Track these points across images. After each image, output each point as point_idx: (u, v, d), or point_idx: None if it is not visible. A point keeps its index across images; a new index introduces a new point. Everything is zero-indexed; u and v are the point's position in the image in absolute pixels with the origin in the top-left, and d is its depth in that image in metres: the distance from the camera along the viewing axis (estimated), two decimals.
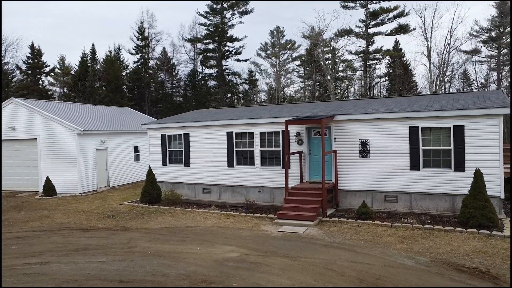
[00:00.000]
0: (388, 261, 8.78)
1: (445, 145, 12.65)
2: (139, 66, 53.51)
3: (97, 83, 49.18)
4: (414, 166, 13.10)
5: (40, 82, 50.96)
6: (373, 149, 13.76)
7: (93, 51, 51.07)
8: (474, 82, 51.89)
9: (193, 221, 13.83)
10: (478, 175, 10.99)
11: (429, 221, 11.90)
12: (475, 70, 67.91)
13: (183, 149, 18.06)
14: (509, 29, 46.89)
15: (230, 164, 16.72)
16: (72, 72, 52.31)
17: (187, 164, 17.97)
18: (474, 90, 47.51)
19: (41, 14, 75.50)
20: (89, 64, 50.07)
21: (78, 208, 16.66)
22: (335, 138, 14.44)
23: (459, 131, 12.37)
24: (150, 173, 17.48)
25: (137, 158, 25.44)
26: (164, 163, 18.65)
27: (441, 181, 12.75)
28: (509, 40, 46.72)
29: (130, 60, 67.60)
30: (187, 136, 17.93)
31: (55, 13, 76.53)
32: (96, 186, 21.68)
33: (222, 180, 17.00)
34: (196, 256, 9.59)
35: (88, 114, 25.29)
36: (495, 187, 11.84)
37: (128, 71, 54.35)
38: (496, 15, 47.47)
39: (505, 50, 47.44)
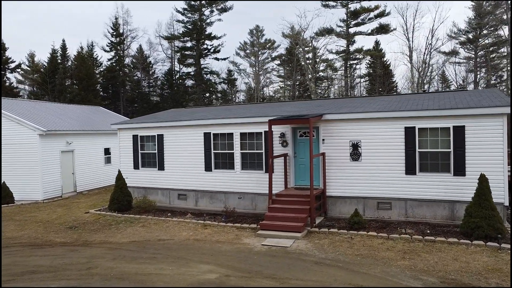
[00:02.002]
0: (392, 283, 7.56)
1: (444, 147, 11.58)
2: (114, 64, 51.26)
3: (68, 81, 46.68)
4: (410, 170, 11.98)
5: (5, 79, 48.01)
6: (365, 152, 12.58)
7: (63, 47, 48.57)
8: (452, 83, 52.03)
9: (166, 232, 12.32)
10: (483, 180, 9.93)
11: (428, 231, 10.79)
12: (455, 71, 68.55)
13: (156, 151, 16.49)
14: (485, 31, 47.14)
15: (208, 168, 15.27)
16: (42, 70, 49.58)
17: (161, 167, 16.41)
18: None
19: (11, 10, 71.78)
20: (59, 61, 47.50)
21: (37, 218, 14.84)
22: (323, 140, 13.20)
23: (460, 132, 11.32)
24: (119, 177, 15.84)
25: (108, 160, 23.63)
26: (136, 166, 17.02)
27: (439, 186, 11.67)
28: (486, 41, 46.98)
29: (104, 57, 65.27)
30: (161, 137, 16.37)
31: (25, 9, 72.94)
32: (61, 192, 19.81)
33: (199, 186, 15.53)
34: (167, 279, 8.14)
35: (54, 113, 23.33)
36: (498, 193, 10.80)
37: (102, 69, 51.99)
38: (473, 17, 47.56)
39: (481, 52, 47.66)
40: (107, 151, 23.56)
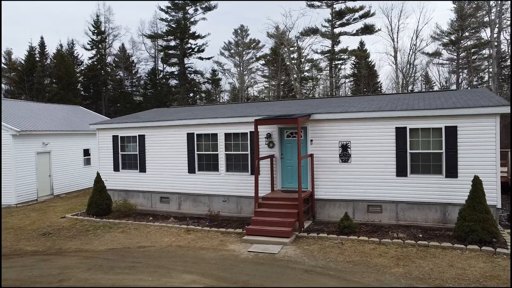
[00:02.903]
0: None
1: (435, 148, 11.24)
2: (95, 63, 49.89)
3: (46, 79, 45.23)
4: (401, 172, 11.61)
5: None
6: (355, 153, 12.16)
7: (42, 45, 47.04)
8: (435, 84, 52.49)
9: (147, 238, 11.66)
10: (477, 182, 9.61)
11: (420, 235, 10.41)
12: (438, 72, 69.21)
13: (138, 153, 15.77)
14: (466, 34, 47.67)
15: (191, 170, 14.64)
16: (19, 68, 47.93)
17: (143, 169, 15.70)
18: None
19: None
20: (37, 59, 45.98)
21: (8, 224, 13.94)
22: (311, 140, 12.73)
23: (452, 132, 10.99)
24: (98, 180, 15.10)
25: (87, 162, 22.71)
26: (116, 168, 16.27)
27: (431, 188, 11.32)
28: (468, 43, 47.50)
29: (85, 56, 63.46)
30: (142, 138, 15.67)
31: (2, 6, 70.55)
32: (37, 195, 18.86)
33: (182, 188, 14.88)
34: None
35: (30, 113, 22.28)
36: (491, 195, 10.49)
37: (82, 68, 50.60)
38: (455, 19, 48.00)
39: (463, 53, 48.18)
40: (86, 152, 22.66)
